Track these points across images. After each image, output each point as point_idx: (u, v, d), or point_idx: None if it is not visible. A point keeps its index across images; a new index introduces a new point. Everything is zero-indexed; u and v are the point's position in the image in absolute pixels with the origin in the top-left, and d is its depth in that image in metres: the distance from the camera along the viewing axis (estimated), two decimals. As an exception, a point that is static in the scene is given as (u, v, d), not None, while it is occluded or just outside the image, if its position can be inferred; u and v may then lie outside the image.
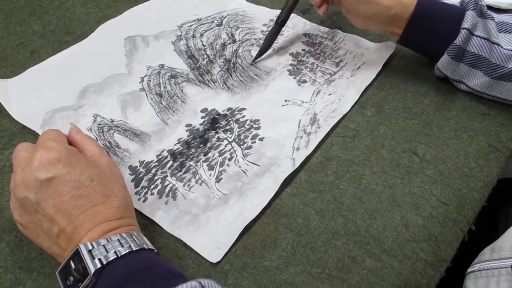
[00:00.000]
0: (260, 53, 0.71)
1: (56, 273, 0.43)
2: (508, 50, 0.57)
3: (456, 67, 0.61)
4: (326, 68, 0.69)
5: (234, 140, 0.60)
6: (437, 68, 0.64)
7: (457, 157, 0.57)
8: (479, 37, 0.59)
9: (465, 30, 0.58)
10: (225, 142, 0.60)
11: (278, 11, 0.79)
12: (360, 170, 0.56)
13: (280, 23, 0.70)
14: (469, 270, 0.52)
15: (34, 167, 0.43)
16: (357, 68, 0.68)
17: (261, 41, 0.73)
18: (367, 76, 0.67)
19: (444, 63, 0.62)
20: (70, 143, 0.50)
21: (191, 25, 0.78)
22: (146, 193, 0.55)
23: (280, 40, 0.74)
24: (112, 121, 0.63)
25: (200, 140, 0.60)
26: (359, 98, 0.64)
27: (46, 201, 0.43)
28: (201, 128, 0.62)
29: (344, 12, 0.68)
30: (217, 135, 0.60)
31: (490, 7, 0.77)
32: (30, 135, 0.61)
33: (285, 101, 0.65)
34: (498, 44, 0.58)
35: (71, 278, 0.41)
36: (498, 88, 0.60)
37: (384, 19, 0.63)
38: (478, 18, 0.59)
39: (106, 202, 0.44)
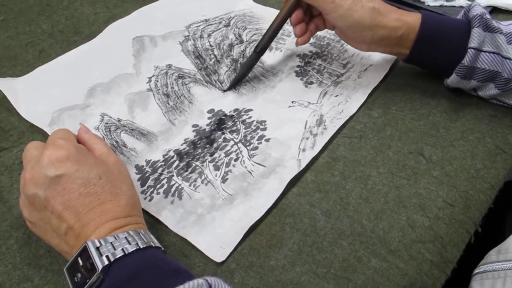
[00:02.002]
0: (235, 81, 0.67)
1: (64, 269, 0.43)
2: None
3: (467, 84, 0.61)
4: (333, 69, 0.69)
5: (240, 141, 0.60)
6: (447, 84, 0.63)
7: (464, 158, 0.57)
8: (488, 52, 0.58)
9: (472, 50, 0.57)
10: (231, 142, 0.60)
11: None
12: (367, 171, 0.56)
13: (259, 51, 0.66)
14: (475, 271, 0.52)
15: (44, 164, 0.44)
16: (364, 70, 0.68)
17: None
18: (374, 78, 0.67)
19: (453, 82, 0.62)
20: (79, 142, 0.51)
21: (198, 26, 0.78)
22: (152, 192, 0.55)
23: (287, 41, 0.74)
24: (119, 120, 0.63)
25: (206, 141, 0.60)
26: (366, 100, 0.64)
27: (55, 198, 0.43)
28: (207, 128, 0.62)
29: (343, 38, 0.66)
30: (223, 136, 0.61)
31: (498, 9, 0.77)
32: (39, 133, 0.62)
33: (292, 102, 0.65)
34: (509, 59, 0.57)
35: (79, 275, 0.41)
36: (508, 96, 0.60)
37: (391, 42, 0.61)
38: (485, 33, 0.58)
39: (114, 200, 0.45)
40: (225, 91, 0.67)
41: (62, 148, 0.45)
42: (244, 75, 0.68)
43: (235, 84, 0.68)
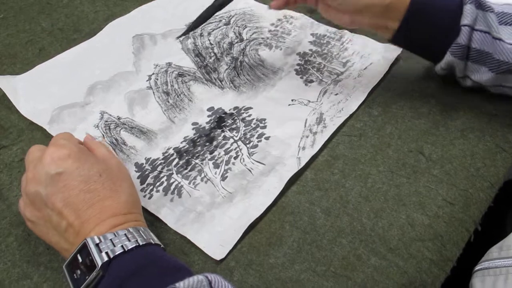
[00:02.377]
0: (189, 29, 0.66)
1: (63, 266, 0.43)
2: (511, 44, 0.54)
3: (464, 66, 0.59)
4: (333, 68, 0.69)
5: (240, 138, 0.60)
6: (440, 68, 0.60)
7: (464, 157, 0.57)
8: (480, 31, 0.55)
9: (466, 27, 0.55)
10: (231, 140, 0.60)
11: (286, 11, 0.79)
12: (366, 169, 0.56)
13: (218, 6, 0.64)
14: (477, 268, 0.52)
15: (46, 163, 0.45)
16: (364, 69, 0.68)
17: (269, 41, 0.74)
18: (374, 76, 0.67)
19: (447, 63, 0.59)
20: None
21: (198, 24, 0.78)
22: (152, 190, 0.55)
23: (287, 39, 0.74)
24: (119, 118, 0.63)
25: (206, 139, 0.60)
26: (365, 98, 0.64)
27: (56, 195, 0.44)
28: (207, 126, 0.62)
29: (325, 10, 0.61)
30: (223, 134, 0.61)
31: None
32: (38, 131, 0.62)
33: (292, 100, 0.65)
34: (500, 39, 0.55)
35: (78, 272, 0.41)
36: (505, 80, 0.58)
37: (377, 11, 0.57)
38: (478, 10, 0.55)
39: (114, 197, 0.45)
40: (177, 37, 0.68)
41: (64, 147, 0.46)
42: (198, 25, 0.66)
43: (188, 32, 0.67)
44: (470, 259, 0.52)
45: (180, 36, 0.67)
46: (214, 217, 0.52)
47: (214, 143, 0.60)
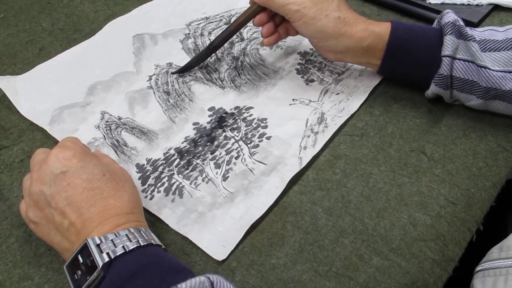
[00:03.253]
0: (183, 69, 0.68)
1: (64, 267, 0.43)
2: (497, 71, 0.55)
3: (450, 94, 0.59)
4: (334, 67, 0.69)
5: (241, 138, 0.60)
6: (428, 95, 0.61)
7: (466, 156, 0.57)
8: (462, 60, 0.56)
9: (447, 58, 0.56)
10: (232, 140, 0.60)
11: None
12: (368, 169, 0.56)
13: (213, 48, 0.66)
14: (477, 269, 0.52)
15: (51, 163, 0.46)
16: (365, 68, 0.68)
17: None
18: (375, 75, 0.67)
19: (433, 93, 0.60)
20: None
21: (199, 23, 0.78)
22: (153, 191, 0.55)
23: (288, 39, 0.74)
24: (119, 118, 0.63)
25: (207, 139, 0.60)
26: (367, 98, 0.64)
27: (59, 194, 0.44)
28: (208, 126, 0.62)
29: (312, 45, 0.64)
30: (224, 134, 0.60)
31: (499, 7, 0.77)
32: (39, 132, 0.62)
33: (293, 100, 0.65)
34: (485, 67, 0.55)
35: (79, 272, 0.41)
36: (495, 106, 0.58)
37: (358, 52, 0.60)
38: (459, 40, 0.56)
39: (116, 196, 0.45)
40: (172, 73, 0.68)
41: (69, 148, 0.47)
42: (192, 66, 0.68)
43: (181, 72, 0.69)
44: (472, 259, 0.52)
45: (175, 73, 0.68)
46: (216, 218, 0.52)
47: (215, 143, 0.59)
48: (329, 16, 0.58)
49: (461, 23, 0.57)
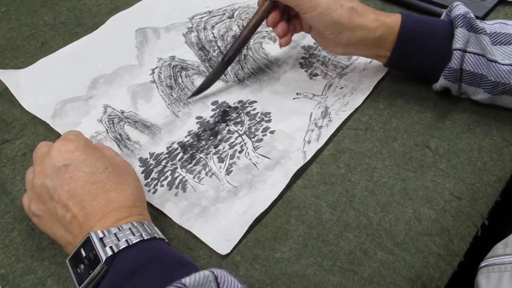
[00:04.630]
0: (200, 89, 0.64)
1: (67, 261, 0.43)
2: (506, 65, 0.54)
3: (458, 87, 0.59)
4: (338, 61, 0.69)
5: (244, 132, 0.59)
6: (436, 88, 0.61)
7: (471, 151, 0.56)
8: (473, 53, 0.56)
9: (458, 51, 0.55)
10: (236, 134, 0.59)
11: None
12: (372, 163, 0.56)
13: (227, 61, 0.63)
14: (482, 264, 0.52)
15: (53, 155, 0.46)
16: (370, 62, 0.68)
17: (273, 34, 0.73)
18: (380, 69, 0.66)
19: (441, 85, 0.59)
20: None
21: (202, 17, 0.77)
22: (156, 184, 0.55)
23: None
24: (122, 112, 0.63)
25: (210, 133, 0.60)
26: (371, 92, 0.64)
27: (62, 187, 0.44)
28: (211, 120, 0.61)
29: (318, 40, 0.63)
30: (227, 128, 0.60)
31: (505, 1, 0.76)
32: (41, 125, 0.62)
33: (297, 94, 0.64)
34: (495, 61, 0.54)
35: (82, 266, 0.41)
36: (502, 101, 0.58)
37: (369, 43, 0.59)
38: (470, 33, 0.55)
39: (119, 189, 0.45)
40: (188, 98, 0.64)
41: (72, 141, 0.47)
42: (209, 84, 0.64)
43: (199, 92, 0.64)
44: (477, 254, 0.52)
45: (191, 97, 0.64)
46: (219, 212, 0.52)
47: (219, 137, 0.59)
48: (344, 6, 0.57)
49: (472, 15, 0.56)
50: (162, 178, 0.55)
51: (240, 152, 0.57)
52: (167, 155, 0.57)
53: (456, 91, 0.59)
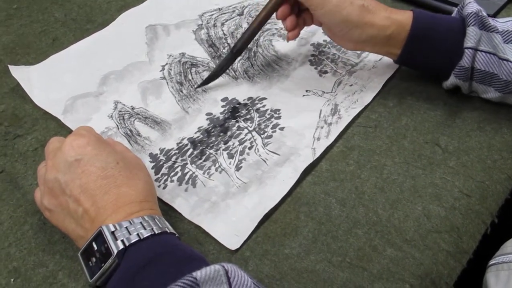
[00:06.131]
0: (208, 79, 0.64)
1: (79, 254, 0.43)
2: None
3: (469, 86, 0.59)
4: (348, 58, 0.69)
5: (254, 129, 0.60)
6: (446, 86, 0.61)
7: (480, 149, 0.56)
8: (484, 52, 0.55)
9: (469, 50, 0.55)
10: (245, 131, 0.60)
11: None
12: (382, 160, 0.56)
13: (236, 52, 0.63)
14: (491, 262, 0.52)
15: (65, 150, 0.46)
16: (379, 60, 0.68)
17: (283, 31, 0.73)
18: (389, 67, 0.66)
19: (452, 84, 0.59)
20: None
21: (212, 14, 0.78)
22: (166, 180, 0.55)
23: (301, 30, 0.74)
24: (132, 108, 0.63)
25: (220, 129, 0.60)
26: (381, 89, 0.64)
27: (74, 181, 0.44)
28: (221, 117, 0.62)
29: (330, 36, 0.63)
30: (237, 124, 0.60)
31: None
32: (53, 121, 0.62)
33: (306, 91, 0.64)
34: (506, 60, 0.54)
35: (93, 259, 0.42)
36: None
37: (380, 41, 0.58)
38: (481, 31, 0.55)
39: (130, 184, 0.45)
40: (195, 88, 0.65)
41: (83, 136, 0.47)
42: (218, 74, 0.65)
43: (207, 83, 0.65)
44: (487, 252, 0.52)
45: (199, 86, 0.65)
46: (229, 207, 0.52)
47: (229, 133, 0.59)
48: (354, 4, 0.56)
49: (484, 13, 0.56)
50: (172, 174, 0.55)
51: (249, 148, 0.58)
52: (177, 151, 0.58)
53: (466, 89, 0.59)
